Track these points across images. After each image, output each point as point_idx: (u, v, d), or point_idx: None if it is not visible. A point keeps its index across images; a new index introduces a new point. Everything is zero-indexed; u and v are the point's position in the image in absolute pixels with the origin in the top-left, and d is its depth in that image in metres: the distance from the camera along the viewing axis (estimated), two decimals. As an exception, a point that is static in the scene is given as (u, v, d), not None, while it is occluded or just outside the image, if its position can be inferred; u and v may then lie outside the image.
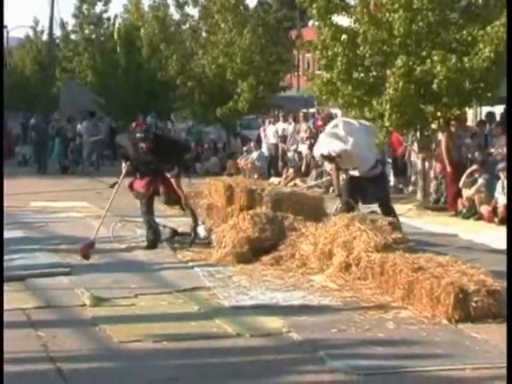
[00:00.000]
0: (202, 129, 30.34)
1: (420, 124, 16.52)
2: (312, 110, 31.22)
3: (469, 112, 19.22)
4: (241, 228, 10.40)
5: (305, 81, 22.50)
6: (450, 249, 10.92)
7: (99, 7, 36.72)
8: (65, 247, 11.20)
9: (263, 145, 24.47)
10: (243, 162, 23.14)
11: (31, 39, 52.21)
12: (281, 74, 27.65)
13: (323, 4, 16.13)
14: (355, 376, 5.98)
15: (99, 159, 28.04)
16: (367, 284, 8.67)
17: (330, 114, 23.00)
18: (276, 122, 24.99)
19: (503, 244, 9.89)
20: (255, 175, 21.76)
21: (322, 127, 12.50)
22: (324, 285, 8.85)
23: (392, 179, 18.62)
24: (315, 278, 9.15)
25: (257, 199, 12.13)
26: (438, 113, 15.97)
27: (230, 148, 27.22)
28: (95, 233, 10.87)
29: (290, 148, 22.98)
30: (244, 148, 24.94)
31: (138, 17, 33.10)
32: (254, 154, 23.18)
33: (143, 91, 30.45)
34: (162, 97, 29.52)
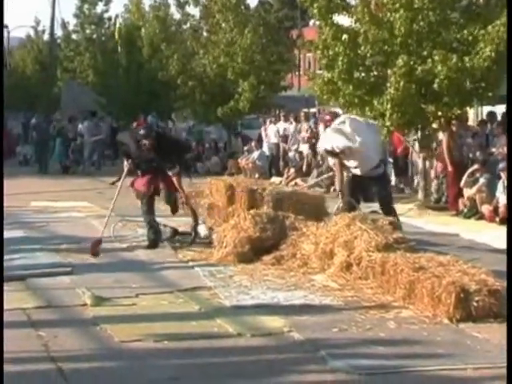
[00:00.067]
0: (203, 128, 30.37)
1: (421, 123, 16.51)
2: (313, 110, 31.26)
3: (470, 111, 19.23)
4: (242, 228, 10.39)
5: (306, 80, 22.49)
6: (451, 248, 10.91)
7: (100, 7, 36.91)
8: (66, 247, 11.20)
9: (264, 144, 24.44)
10: (244, 162, 23.12)
11: (32, 39, 52.25)
12: (282, 74, 27.66)
13: (324, 4, 16.15)
14: (356, 376, 5.98)
15: (100, 159, 28.06)
16: (368, 283, 8.66)
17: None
18: (277, 122, 24.99)
19: (504, 244, 9.86)
20: (256, 175, 21.75)
21: (330, 122, 12.51)
22: (325, 284, 8.85)
23: (393, 179, 18.61)
24: (316, 278, 9.14)
25: (258, 199, 12.14)
26: (439, 112, 15.97)
27: (231, 148, 27.21)
28: (102, 231, 11.01)
29: (291, 148, 22.96)
30: (245, 148, 24.92)
31: (139, 16, 33.10)
32: (255, 154, 23.17)
33: (144, 91, 30.43)
34: (163, 96, 29.50)
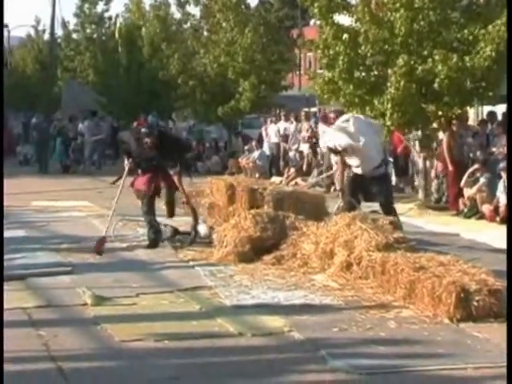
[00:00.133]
0: (204, 128, 30.36)
1: (421, 123, 16.51)
2: (313, 109, 31.24)
3: (470, 111, 19.23)
4: (242, 227, 10.39)
5: (306, 80, 22.50)
6: (452, 248, 10.91)
7: (100, 6, 36.77)
8: (66, 246, 11.21)
9: (265, 144, 24.43)
10: (245, 161, 23.12)
11: (33, 38, 52.21)
12: (282, 73, 27.67)
13: (325, 3, 16.15)
14: (357, 375, 5.98)
15: (101, 158, 28.07)
16: (368, 283, 8.66)
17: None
18: (277, 121, 24.97)
19: (505, 243, 9.86)
20: (256, 174, 21.75)
21: (335, 120, 12.55)
22: (325, 284, 8.85)
23: (393, 178, 18.59)
24: (316, 278, 9.14)
25: (258, 198, 12.14)
26: (440, 112, 15.97)
27: (232, 147, 27.21)
28: (106, 230, 11.06)
29: (292, 147, 22.96)
30: (245, 147, 24.91)
31: (140, 16, 33.08)
32: (256, 153, 23.16)
33: (144, 90, 30.43)
34: (164, 96, 29.50)
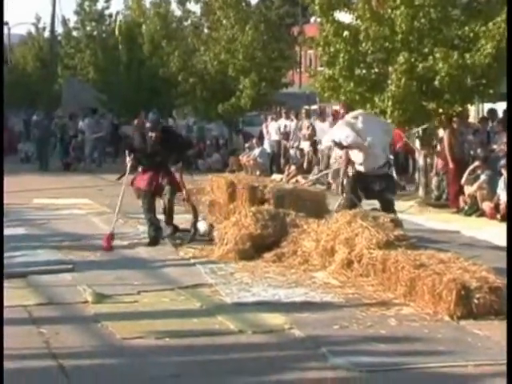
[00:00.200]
0: (204, 125, 30.36)
1: (422, 121, 16.50)
2: (314, 107, 31.22)
3: (471, 109, 19.22)
4: (243, 225, 10.38)
5: (307, 77, 22.46)
6: (452, 246, 10.90)
7: (101, 4, 36.91)
8: (67, 244, 11.20)
9: (265, 141, 24.41)
10: (245, 159, 23.11)
11: (33, 36, 52.24)
12: (283, 71, 27.66)
13: (325, 0, 16.15)
14: (357, 373, 5.98)
15: (101, 156, 28.08)
16: (369, 281, 8.66)
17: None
18: (278, 119, 24.95)
19: (505, 241, 9.87)
20: (257, 172, 21.72)
21: (344, 115, 12.58)
22: (326, 281, 8.85)
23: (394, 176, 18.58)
24: (317, 275, 9.14)
25: (259, 196, 12.14)
26: (440, 109, 15.97)
27: (232, 145, 27.20)
28: (112, 225, 11.09)
29: (293, 145, 22.96)
30: (246, 145, 24.90)
31: (140, 13, 33.08)
32: (256, 151, 23.16)
33: (145, 88, 30.41)
34: (164, 93, 29.48)
